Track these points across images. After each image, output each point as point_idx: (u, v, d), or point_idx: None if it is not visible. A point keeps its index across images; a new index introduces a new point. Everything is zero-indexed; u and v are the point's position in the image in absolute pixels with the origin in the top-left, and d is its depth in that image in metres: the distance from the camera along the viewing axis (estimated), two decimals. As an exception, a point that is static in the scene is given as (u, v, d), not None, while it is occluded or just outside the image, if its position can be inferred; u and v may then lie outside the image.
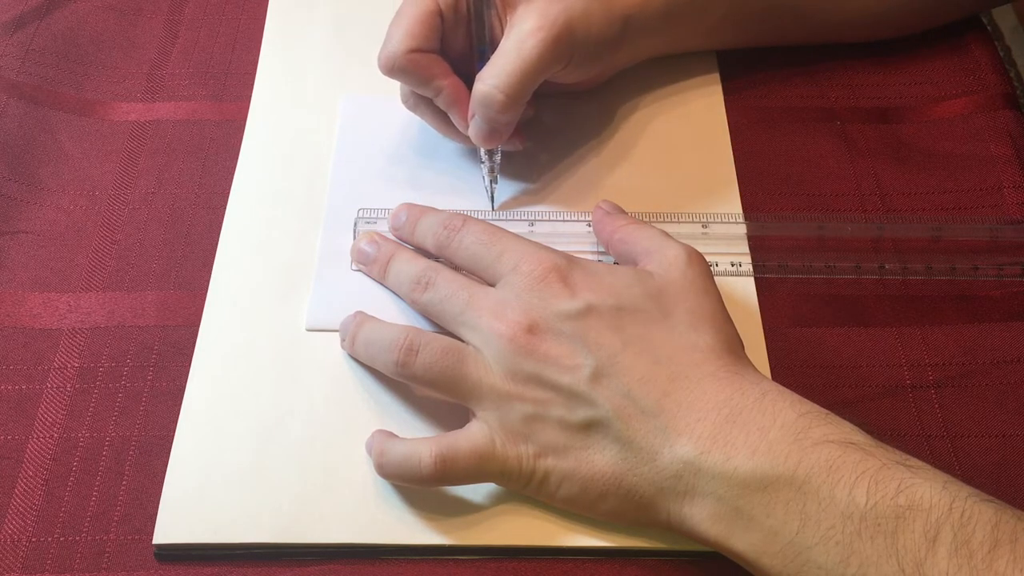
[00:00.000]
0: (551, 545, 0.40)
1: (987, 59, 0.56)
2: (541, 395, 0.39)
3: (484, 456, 0.39)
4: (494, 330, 0.39)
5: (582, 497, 0.39)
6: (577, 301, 0.40)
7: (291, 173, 0.51)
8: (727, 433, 0.36)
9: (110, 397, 0.44)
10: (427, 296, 0.43)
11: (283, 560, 0.40)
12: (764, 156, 0.53)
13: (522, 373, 0.39)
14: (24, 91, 0.54)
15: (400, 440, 0.40)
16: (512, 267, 0.41)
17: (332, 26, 0.57)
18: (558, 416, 0.38)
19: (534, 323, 0.39)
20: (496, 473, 0.39)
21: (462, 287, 0.42)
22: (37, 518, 0.41)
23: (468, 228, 0.43)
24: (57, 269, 0.48)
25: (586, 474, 0.38)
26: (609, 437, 0.38)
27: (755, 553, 0.35)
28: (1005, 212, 0.50)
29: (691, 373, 0.38)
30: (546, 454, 0.39)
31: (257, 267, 0.47)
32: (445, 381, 0.40)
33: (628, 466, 0.38)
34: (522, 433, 0.39)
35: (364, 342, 0.43)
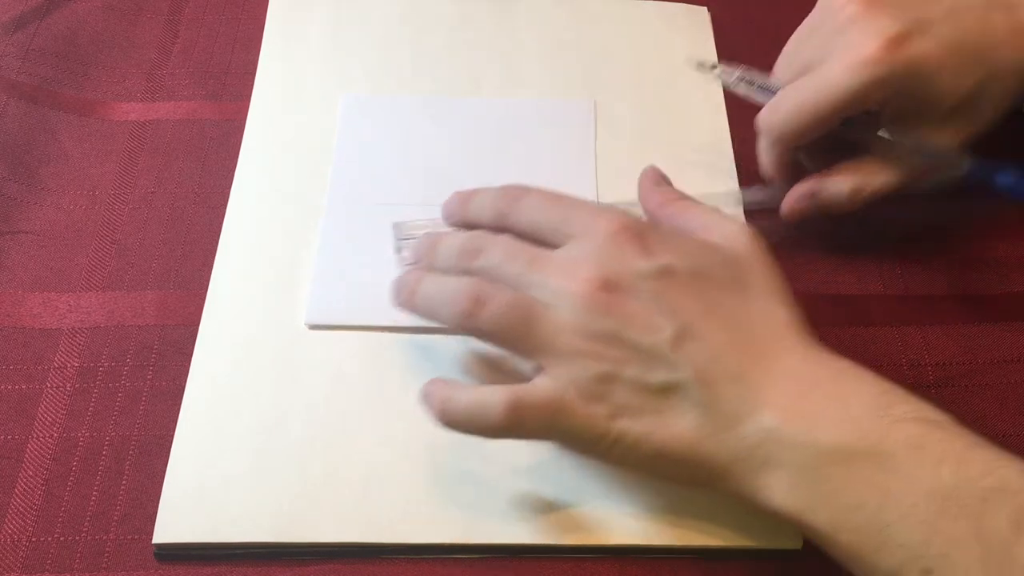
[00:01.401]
0: (551, 545, 0.40)
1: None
2: (617, 354, 0.37)
3: (557, 410, 0.37)
4: (565, 288, 0.37)
5: (655, 462, 0.37)
6: (654, 261, 0.38)
7: (291, 173, 0.51)
8: (809, 404, 0.35)
9: (110, 397, 0.44)
10: (480, 262, 0.40)
11: (283, 560, 0.40)
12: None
13: (598, 331, 0.37)
14: (24, 91, 0.54)
15: (466, 387, 0.39)
16: (581, 227, 0.39)
17: (332, 26, 0.57)
18: (633, 376, 0.37)
19: (610, 280, 0.37)
20: (565, 431, 0.38)
21: (521, 248, 0.40)
22: (37, 518, 0.41)
23: (530, 194, 0.41)
24: (57, 269, 0.48)
25: (662, 439, 0.37)
26: (688, 401, 0.36)
27: (832, 528, 0.34)
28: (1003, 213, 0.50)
29: (770, 344, 0.37)
30: (620, 415, 0.37)
31: (257, 267, 0.47)
32: (513, 334, 0.38)
33: (707, 432, 0.36)
34: (595, 392, 0.37)
35: (425, 295, 0.41)
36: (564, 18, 0.58)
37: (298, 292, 0.46)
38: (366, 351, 0.44)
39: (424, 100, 0.53)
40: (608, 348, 0.37)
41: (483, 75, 0.55)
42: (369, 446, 0.42)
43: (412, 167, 0.51)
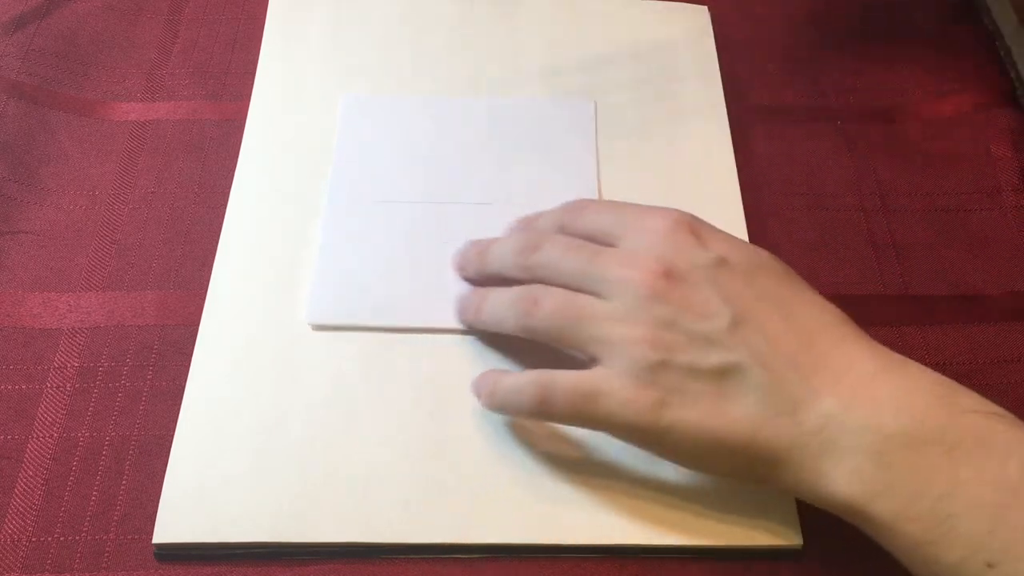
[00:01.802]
0: (551, 544, 0.40)
1: (987, 59, 0.57)
2: (673, 339, 0.37)
3: (588, 396, 0.38)
4: (626, 278, 0.38)
5: (710, 453, 0.37)
6: (710, 252, 0.39)
7: (291, 173, 0.51)
8: (871, 391, 0.35)
9: (110, 397, 0.44)
10: (537, 257, 0.41)
11: (283, 560, 0.40)
12: (764, 156, 0.53)
13: (655, 319, 0.38)
14: (24, 91, 0.54)
15: (511, 373, 0.41)
16: (637, 224, 0.41)
17: (332, 26, 0.57)
18: (688, 361, 0.37)
19: (670, 269, 0.38)
20: (604, 419, 0.38)
21: (579, 245, 0.41)
22: (37, 518, 0.41)
23: (590, 205, 0.44)
24: (57, 269, 0.48)
25: (717, 426, 0.36)
26: (746, 385, 0.36)
27: (893, 516, 0.34)
28: (1004, 213, 0.50)
29: (826, 333, 0.37)
30: (673, 403, 0.37)
31: (257, 266, 0.47)
32: (568, 329, 0.39)
33: (766, 417, 0.36)
34: (648, 380, 0.37)
35: (490, 308, 0.43)
36: (564, 18, 0.58)
37: (298, 292, 0.46)
38: (366, 351, 0.44)
39: (424, 100, 0.53)
40: (664, 333, 0.37)
41: (483, 75, 0.55)
42: (369, 446, 0.42)
43: (413, 166, 0.51)
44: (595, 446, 0.42)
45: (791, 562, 0.40)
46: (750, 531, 0.40)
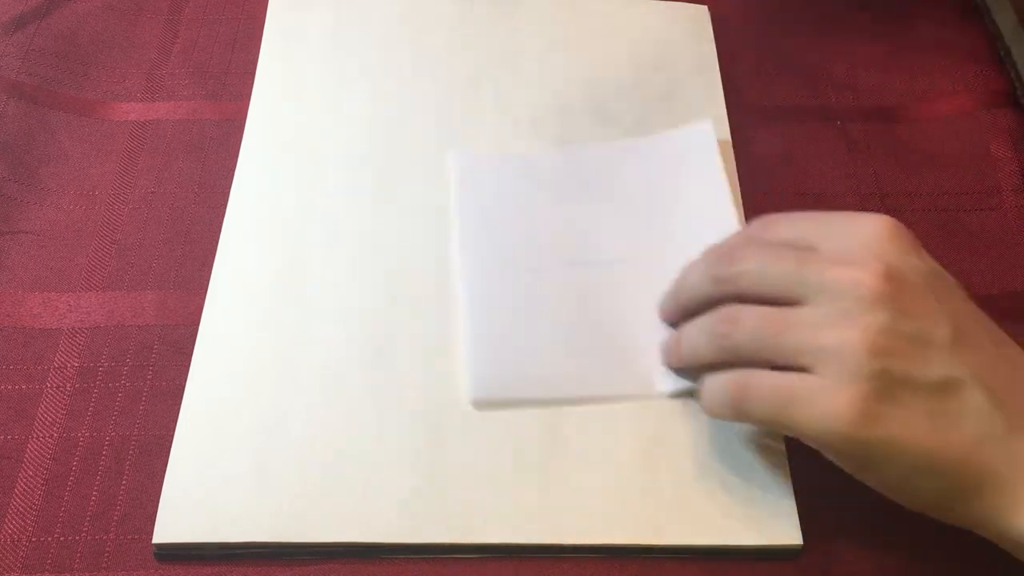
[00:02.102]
0: (551, 544, 0.40)
1: (987, 58, 0.57)
2: (893, 345, 0.35)
3: (787, 400, 0.36)
4: (844, 277, 0.36)
5: (917, 474, 0.35)
6: (926, 261, 0.37)
7: (291, 173, 0.51)
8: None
9: (110, 397, 0.44)
10: (737, 266, 0.39)
11: (283, 560, 0.40)
12: (764, 156, 0.53)
13: (875, 323, 0.35)
14: (24, 91, 0.54)
15: (714, 374, 0.39)
16: (846, 227, 0.38)
17: (332, 26, 0.57)
18: (908, 371, 0.34)
19: (891, 269, 0.36)
20: (803, 426, 0.36)
21: (782, 249, 0.38)
22: (37, 518, 0.41)
23: (783, 216, 0.41)
24: (57, 269, 0.48)
25: (932, 446, 0.34)
26: (965, 404, 0.34)
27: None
28: (1004, 213, 0.51)
29: (1020, 357, 0.37)
30: (886, 416, 0.34)
31: (257, 267, 0.47)
32: (773, 341, 0.36)
33: (982, 439, 0.34)
34: (862, 389, 0.34)
35: (686, 340, 0.41)
36: (564, 18, 0.58)
37: (297, 292, 0.46)
38: (366, 351, 0.44)
39: (538, 156, 0.51)
40: (881, 338, 0.35)
41: (483, 75, 0.55)
42: (369, 446, 0.42)
43: (538, 225, 0.49)
44: (595, 447, 0.42)
45: (791, 562, 0.40)
46: (750, 531, 0.40)
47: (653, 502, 0.41)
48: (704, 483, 0.41)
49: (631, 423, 0.43)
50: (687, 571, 0.40)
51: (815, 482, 0.42)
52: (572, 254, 0.48)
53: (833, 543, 0.40)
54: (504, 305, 0.46)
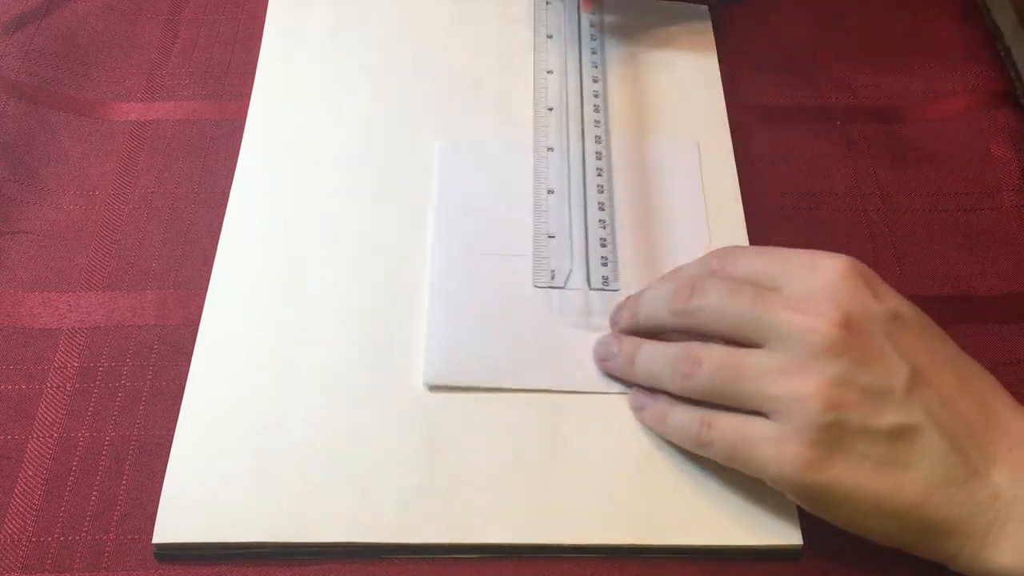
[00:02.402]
0: (551, 545, 0.40)
1: (987, 59, 0.57)
2: (847, 397, 0.35)
3: (747, 441, 0.37)
4: (799, 325, 0.36)
5: (871, 516, 0.36)
6: (884, 305, 0.37)
7: (291, 173, 0.51)
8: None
9: (110, 397, 0.44)
10: (695, 302, 0.39)
11: (283, 560, 0.40)
12: (764, 156, 0.53)
13: (827, 372, 0.35)
14: (24, 91, 0.54)
15: (677, 406, 0.40)
16: (805, 267, 0.38)
17: (332, 26, 0.57)
18: (861, 422, 0.35)
19: (848, 317, 0.36)
20: (757, 468, 0.37)
21: (741, 287, 0.38)
22: (37, 518, 0.41)
23: (744, 249, 0.42)
24: (57, 269, 0.48)
25: (882, 489, 0.35)
26: (920, 449, 0.35)
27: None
28: (1004, 213, 0.50)
29: (994, 398, 0.37)
30: (836, 463, 0.35)
31: (257, 267, 0.47)
32: (732, 386, 0.37)
33: (937, 484, 0.34)
34: (815, 439, 0.35)
35: (645, 363, 0.41)
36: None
37: (297, 291, 0.46)
38: (366, 350, 0.44)
39: (521, 143, 0.52)
40: (838, 390, 0.35)
41: (483, 75, 0.55)
42: (369, 446, 0.42)
43: (514, 215, 0.49)
44: (595, 447, 0.42)
45: (791, 562, 0.40)
46: (750, 531, 0.40)
47: (653, 502, 0.41)
48: (704, 483, 0.41)
49: (631, 423, 0.43)
50: (687, 571, 0.40)
51: (815, 482, 0.42)
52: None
53: (833, 543, 0.40)
54: (464, 290, 0.46)
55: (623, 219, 0.49)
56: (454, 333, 0.45)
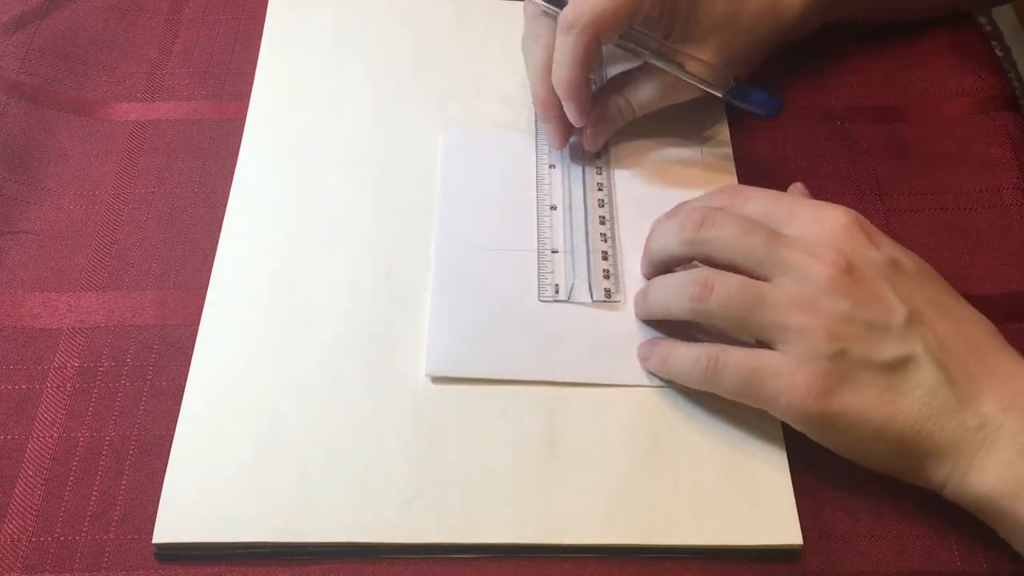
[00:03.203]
0: (551, 545, 0.40)
1: (987, 59, 0.57)
2: (850, 331, 0.38)
3: (757, 373, 0.39)
4: (807, 265, 0.39)
5: (871, 441, 0.39)
6: (883, 253, 0.40)
7: (291, 173, 0.51)
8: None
9: (110, 397, 0.44)
10: (707, 232, 0.42)
11: (283, 560, 0.40)
12: (764, 156, 0.53)
13: (833, 310, 0.39)
14: (24, 91, 0.54)
15: (682, 344, 0.42)
16: (810, 215, 0.41)
17: (332, 26, 0.57)
18: (863, 354, 0.38)
19: (851, 264, 0.39)
20: (769, 398, 0.39)
21: (753, 224, 0.41)
22: (37, 518, 0.41)
23: (754, 190, 0.44)
24: (57, 269, 0.48)
25: (884, 416, 0.38)
26: (917, 379, 0.38)
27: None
28: (1004, 212, 0.50)
29: (988, 342, 0.40)
30: (842, 391, 0.38)
31: (257, 267, 0.47)
32: (743, 314, 0.40)
33: (932, 411, 0.38)
34: (821, 368, 0.38)
35: (656, 294, 0.43)
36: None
37: (297, 291, 0.46)
38: (366, 350, 0.45)
39: (525, 136, 0.52)
40: (841, 326, 0.38)
41: (483, 75, 0.55)
42: (369, 446, 0.42)
43: (518, 209, 0.49)
44: (595, 447, 0.42)
45: (791, 562, 0.40)
46: (750, 531, 0.40)
47: (653, 502, 0.41)
48: (704, 483, 0.41)
49: (631, 423, 0.43)
50: (687, 571, 0.40)
51: (815, 482, 0.42)
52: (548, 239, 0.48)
53: (833, 543, 0.40)
54: (467, 282, 0.46)
55: (625, 232, 0.49)
56: (457, 324, 0.45)
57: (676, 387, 0.44)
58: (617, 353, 0.45)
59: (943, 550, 0.40)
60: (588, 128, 0.50)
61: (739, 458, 0.42)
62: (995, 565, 0.40)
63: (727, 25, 0.49)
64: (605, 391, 0.44)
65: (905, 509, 0.41)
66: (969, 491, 0.38)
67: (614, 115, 0.50)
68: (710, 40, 0.48)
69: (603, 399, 0.43)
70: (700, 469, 0.41)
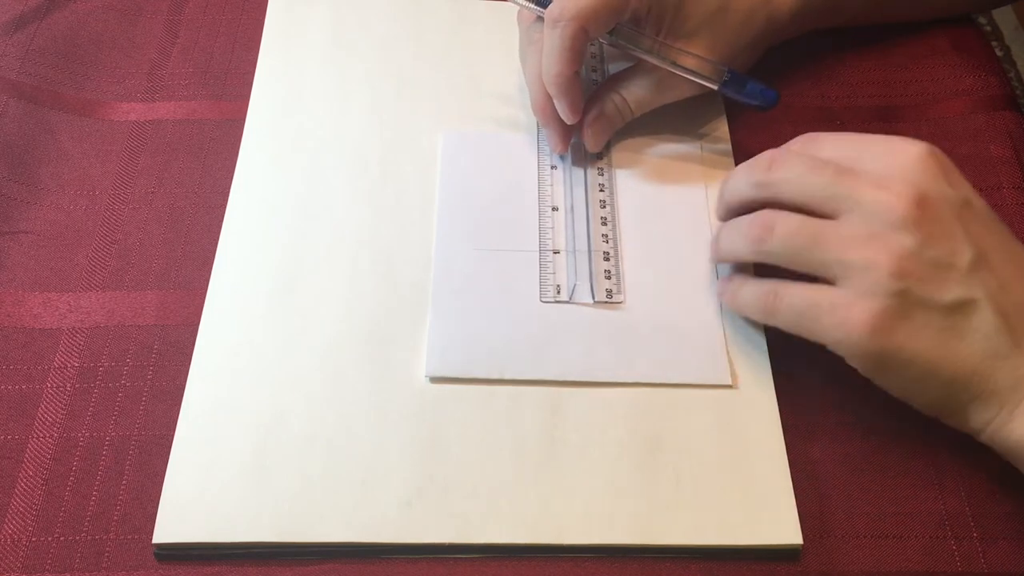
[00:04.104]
0: (551, 544, 0.40)
1: (987, 59, 0.57)
2: (915, 268, 0.38)
3: (814, 307, 0.40)
4: (877, 199, 0.39)
5: (923, 381, 0.39)
6: (957, 191, 0.40)
7: (291, 173, 0.51)
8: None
9: (110, 397, 0.44)
10: (777, 173, 0.42)
11: (283, 560, 0.40)
12: (764, 156, 0.53)
13: (900, 246, 0.38)
14: (24, 91, 0.54)
15: (750, 280, 0.44)
16: (885, 149, 0.41)
17: (331, 26, 0.57)
18: (925, 294, 0.38)
19: (924, 196, 0.39)
20: (826, 331, 0.39)
21: (823, 163, 0.41)
22: (37, 518, 0.41)
23: (827, 135, 0.43)
24: (57, 269, 0.48)
25: (940, 357, 0.38)
26: (976, 323, 0.38)
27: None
28: (1005, 213, 0.50)
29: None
30: (900, 329, 0.38)
31: (257, 267, 0.47)
32: (804, 252, 0.40)
33: (987, 355, 0.38)
34: (881, 305, 0.38)
35: (725, 238, 0.44)
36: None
37: (297, 291, 0.46)
38: (366, 350, 0.45)
39: (526, 136, 0.52)
40: (907, 262, 0.38)
41: (483, 75, 0.55)
42: (369, 446, 0.42)
43: (518, 209, 0.49)
44: (595, 447, 0.42)
45: (791, 562, 0.40)
46: (750, 531, 0.40)
47: (653, 502, 0.41)
48: (704, 483, 0.41)
49: (631, 423, 0.43)
50: (687, 571, 0.40)
51: (815, 482, 0.42)
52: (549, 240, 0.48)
53: (833, 543, 0.40)
54: (468, 282, 0.47)
55: (626, 232, 0.49)
56: (457, 326, 0.45)
57: (676, 386, 0.44)
58: (618, 353, 0.45)
59: (943, 550, 0.40)
60: (587, 128, 0.50)
61: (739, 458, 0.42)
62: (995, 565, 0.40)
63: (717, 21, 0.49)
64: (605, 391, 0.44)
65: (905, 509, 0.41)
66: (1010, 436, 0.38)
67: (612, 115, 0.50)
68: (701, 35, 0.48)
69: (603, 399, 0.43)
70: (700, 469, 0.41)
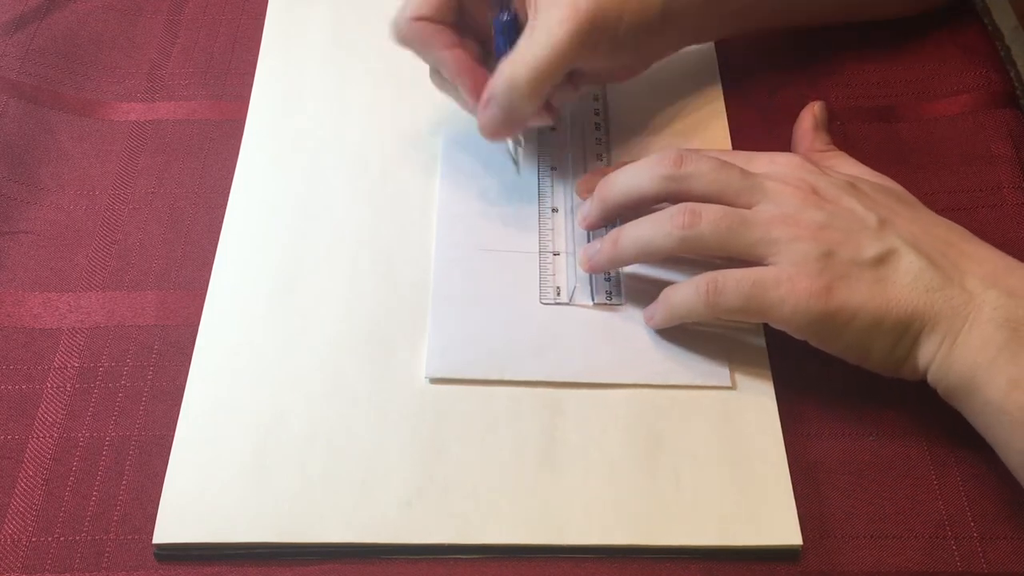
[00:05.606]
0: (551, 544, 0.40)
1: (987, 59, 0.56)
2: (832, 236, 0.41)
3: (758, 284, 0.41)
4: (782, 191, 0.42)
5: (869, 332, 0.40)
6: (840, 177, 0.44)
7: (291, 173, 0.51)
8: (1007, 278, 0.40)
9: (110, 397, 0.44)
10: (686, 169, 0.43)
11: (283, 560, 0.40)
12: (764, 156, 0.53)
13: (812, 221, 0.41)
14: (24, 91, 0.54)
15: (681, 282, 0.44)
16: (768, 160, 0.45)
17: (331, 26, 0.57)
18: (849, 254, 0.41)
19: (814, 186, 0.43)
20: (772, 306, 0.41)
21: (729, 163, 0.44)
22: (37, 518, 0.41)
23: (704, 151, 0.45)
24: (57, 269, 0.48)
25: (878, 305, 0.40)
26: (902, 267, 0.40)
27: (1010, 386, 0.38)
28: (1005, 212, 0.50)
29: (958, 235, 0.43)
30: (839, 288, 0.40)
31: (257, 267, 0.47)
32: (733, 235, 0.42)
33: (920, 291, 0.40)
34: (815, 270, 0.40)
35: (633, 234, 0.44)
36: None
37: (297, 291, 0.46)
38: (366, 350, 0.45)
39: None
40: (822, 232, 0.41)
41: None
42: (369, 446, 0.42)
43: (518, 210, 0.49)
44: (595, 447, 0.42)
45: (791, 562, 0.40)
46: (750, 531, 0.40)
47: (653, 502, 0.41)
48: (704, 483, 0.41)
49: (631, 423, 0.43)
50: (687, 571, 0.40)
51: (815, 482, 0.42)
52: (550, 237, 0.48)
53: (833, 543, 0.40)
54: (468, 283, 0.47)
55: None
56: (457, 327, 0.45)
57: (676, 387, 0.44)
58: (618, 354, 0.45)
59: (943, 550, 0.40)
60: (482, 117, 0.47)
61: (739, 458, 0.42)
62: (995, 565, 0.40)
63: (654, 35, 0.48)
64: (605, 391, 0.44)
65: (905, 509, 0.41)
66: (952, 368, 0.39)
67: None
68: None
69: (603, 399, 0.43)
70: (700, 469, 0.41)
